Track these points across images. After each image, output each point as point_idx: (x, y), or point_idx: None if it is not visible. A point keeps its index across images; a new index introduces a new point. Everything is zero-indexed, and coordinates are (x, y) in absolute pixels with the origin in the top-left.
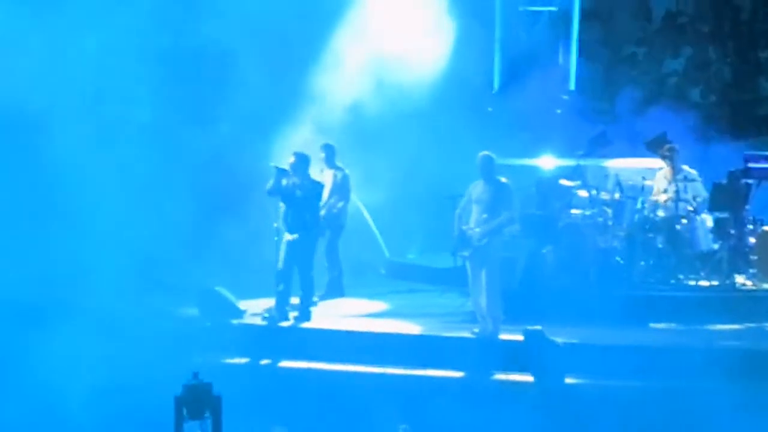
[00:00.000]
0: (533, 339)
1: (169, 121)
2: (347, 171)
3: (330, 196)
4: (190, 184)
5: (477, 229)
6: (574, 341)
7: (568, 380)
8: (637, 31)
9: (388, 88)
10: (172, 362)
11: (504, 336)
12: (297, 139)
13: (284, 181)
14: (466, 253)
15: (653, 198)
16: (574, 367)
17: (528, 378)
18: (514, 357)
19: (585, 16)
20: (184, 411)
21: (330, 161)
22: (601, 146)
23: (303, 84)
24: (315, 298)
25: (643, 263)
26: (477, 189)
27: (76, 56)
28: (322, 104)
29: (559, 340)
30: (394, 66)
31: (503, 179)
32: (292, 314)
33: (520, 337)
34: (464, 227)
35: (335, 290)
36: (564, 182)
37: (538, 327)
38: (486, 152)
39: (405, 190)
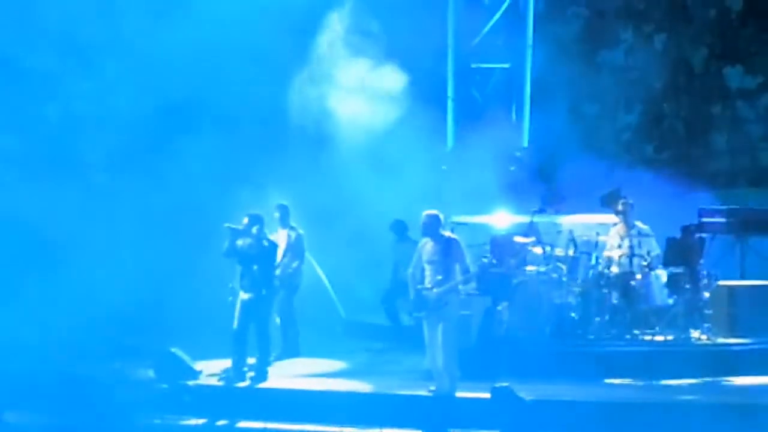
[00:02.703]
0: (501, 396)
1: (125, 182)
2: (301, 231)
3: (284, 256)
4: (145, 245)
5: (434, 290)
6: (531, 398)
7: None
8: (589, 87)
9: (338, 144)
10: (129, 424)
11: (462, 393)
12: (251, 199)
13: (239, 242)
14: (423, 314)
15: (607, 254)
16: (536, 423)
17: None
18: (474, 414)
19: (537, 72)
20: None
21: (284, 221)
22: (554, 203)
23: (258, 144)
24: (271, 358)
25: (598, 319)
26: (427, 248)
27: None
28: (277, 165)
29: (530, 396)
30: (347, 124)
31: (450, 234)
32: (249, 374)
33: (479, 395)
34: (419, 287)
35: (291, 350)
36: (518, 239)
37: (506, 383)
38: (431, 211)
39: (359, 249)
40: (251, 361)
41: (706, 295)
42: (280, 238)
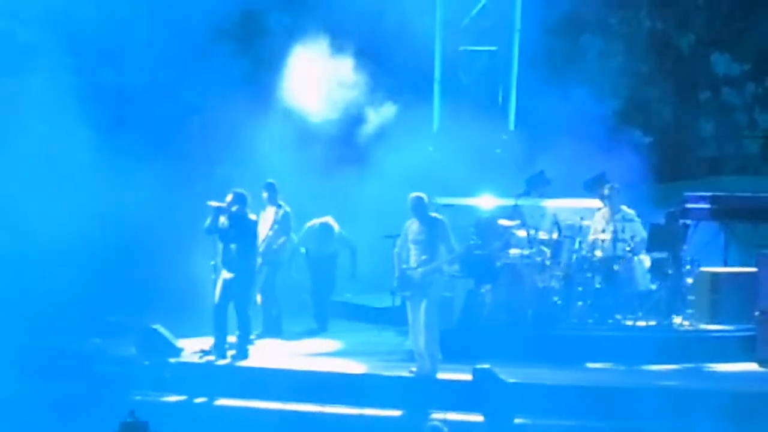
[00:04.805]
0: (483, 377)
1: (110, 160)
2: (288, 209)
3: (270, 233)
4: (128, 222)
5: (419, 270)
6: (512, 380)
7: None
8: (576, 71)
9: (326, 127)
10: (109, 400)
11: (443, 375)
12: (237, 177)
13: (222, 219)
14: (407, 293)
15: (591, 238)
16: (517, 406)
17: (474, 417)
18: (455, 396)
19: (524, 56)
20: None
21: (272, 199)
22: (539, 186)
23: (245, 124)
24: (252, 336)
25: (580, 303)
26: (413, 229)
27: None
28: (266, 146)
29: (512, 379)
30: (334, 105)
31: (436, 215)
32: (230, 352)
33: (460, 376)
34: (404, 266)
35: (273, 328)
36: (503, 222)
37: (487, 365)
38: (417, 193)
39: (344, 229)
40: (232, 339)
41: (689, 281)
42: (268, 215)
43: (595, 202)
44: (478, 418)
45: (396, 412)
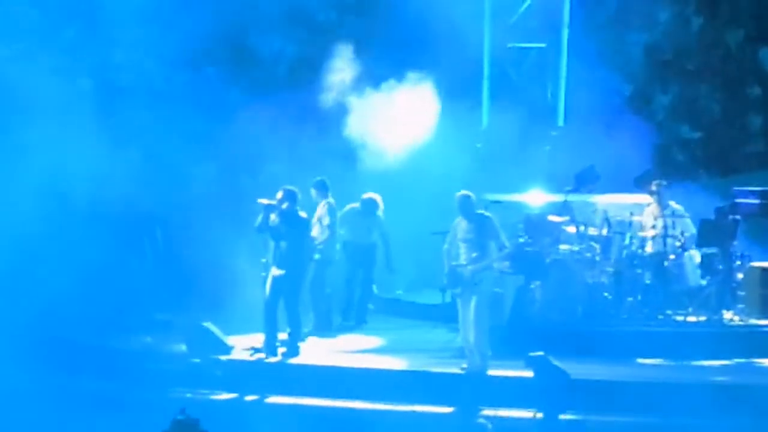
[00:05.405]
0: (536, 364)
1: (161, 158)
2: (332, 200)
3: (315, 229)
4: (179, 220)
5: (469, 267)
6: None
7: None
8: (624, 68)
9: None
10: (161, 398)
11: (493, 371)
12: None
13: (272, 217)
14: (457, 290)
15: (641, 234)
16: (569, 396)
17: (525, 413)
18: (505, 392)
19: (572, 52)
20: None
21: (322, 197)
22: (589, 182)
23: (301, 127)
24: (303, 334)
25: (630, 299)
26: (461, 227)
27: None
28: (318, 148)
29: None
30: (381, 102)
31: (483, 212)
32: (280, 350)
33: (511, 372)
34: (454, 263)
35: (324, 325)
36: (552, 218)
37: (541, 353)
38: (463, 192)
39: (394, 226)
40: (283, 336)
41: (739, 276)
42: (319, 213)
43: (645, 198)
44: (529, 414)
45: (447, 409)
